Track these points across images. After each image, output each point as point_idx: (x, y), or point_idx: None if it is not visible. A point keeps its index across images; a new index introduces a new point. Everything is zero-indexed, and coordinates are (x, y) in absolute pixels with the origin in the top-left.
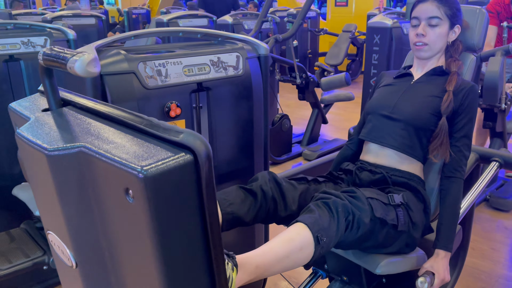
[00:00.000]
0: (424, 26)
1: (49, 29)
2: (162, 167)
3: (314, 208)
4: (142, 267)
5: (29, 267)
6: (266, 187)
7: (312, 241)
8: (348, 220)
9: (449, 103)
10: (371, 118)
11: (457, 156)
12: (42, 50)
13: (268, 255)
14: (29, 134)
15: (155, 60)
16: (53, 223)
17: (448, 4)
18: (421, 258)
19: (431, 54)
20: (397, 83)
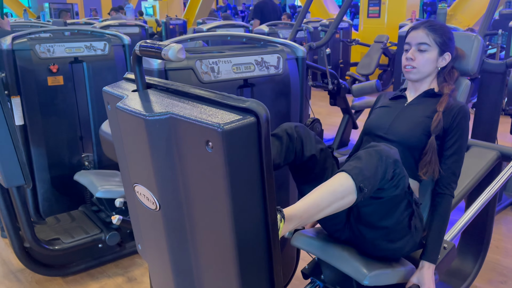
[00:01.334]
0: (413, 51)
1: (108, 35)
2: (235, 124)
3: (363, 155)
4: (213, 205)
5: (89, 242)
6: (290, 131)
7: (355, 190)
8: (396, 173)
9: (438, 122)
10: (368, 139)
11: (447, 173)
12: (138, 43)
13: (311, 207)
14: (128, 105)
15: (209, 59)
16: (141, 176)
17: (438, 32)
18: (409, 271)
19: (419, 76)
20: (392, 105)
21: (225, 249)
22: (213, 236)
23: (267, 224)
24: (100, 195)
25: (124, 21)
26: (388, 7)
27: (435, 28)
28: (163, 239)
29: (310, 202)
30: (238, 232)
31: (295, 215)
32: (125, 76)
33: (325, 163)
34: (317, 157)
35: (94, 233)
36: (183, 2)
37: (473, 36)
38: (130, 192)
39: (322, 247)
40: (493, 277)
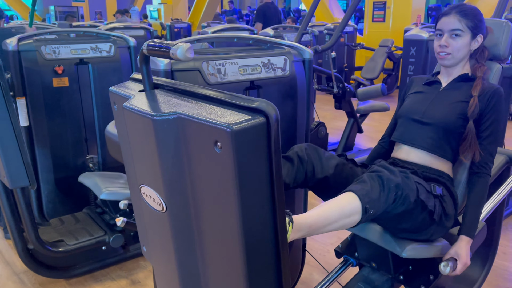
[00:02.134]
0: (447, 37)
1: (114, 37)
2: (244, 125)
3: (368, 179)
4: (221, 207)
5: (92, 244)
6: (301, 153)
7: (360, 210)
8: (397, 196)
9: (475, 107)
10: (403, 121)
11: (484, 153)
12: (146, 42)
13: (320, 218)
14: (135, 105)
15: (216, 60)
16: (148, 177)
17: (469, 17)
18: (445, 247)
19: (454, 62)
20: (427, 90)
21: (233, 251)
22: (220, 238)
23: (276, 227)
24: (104, 197)
25: (129, 24)
26: (393, 11)
27: (466, 13)
28: (170, 241)
29: (320, 214)
30: (246, 234)
31: (305, 224)
32: (132, 77)
33: (342, 174)
34: (330, 177)
35: (98, 235)
36: (188, 5)
37: (504, 22)
38: (136, 193)
39: None
40: (501, 283)
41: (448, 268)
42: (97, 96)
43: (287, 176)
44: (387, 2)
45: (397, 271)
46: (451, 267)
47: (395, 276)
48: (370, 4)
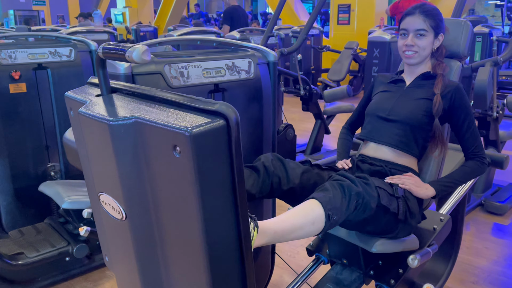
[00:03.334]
0: (412, 37)
1: (74, 41)
2: (203, 128)
3: (330, 187)
4: (182, 213)
5: (55, 256)
6: (268, 164)
7: (324, 218)
8: (358, 203)
9: (438, 105)
10: (370, 120)
11: (470, 147)
12: (102, 45)
13: (285, 224)
14: (91, 111)
15: (178, 63)
16: (106, 184)
17: (432, 17)
18: (413, 241)
19: (419, 60)
20: (392, 89)
21: (196, 258)
22: (183, 245)
23: (240, 231)
24: (66, 206)
25: (92, 28)
26: (357, 14)
27: (429, 13)
28: (131, 249)
29: (285, 220)
30: (209, 240)
31: (270, 229)
32: (89, 81)
33: (309, 181)
34: (296, 187)
35: (60, 246)
36: (154, 9)
37: (463, 21)
38: (96, 202)
39: None
40: (465, 277)
41: (416, 261)
42: (57, 102)
43: (252, 186)
44: (351, 5)
45: (368, 267)
46: (419, 260)
47: (366, 272)
48: (335, 7)
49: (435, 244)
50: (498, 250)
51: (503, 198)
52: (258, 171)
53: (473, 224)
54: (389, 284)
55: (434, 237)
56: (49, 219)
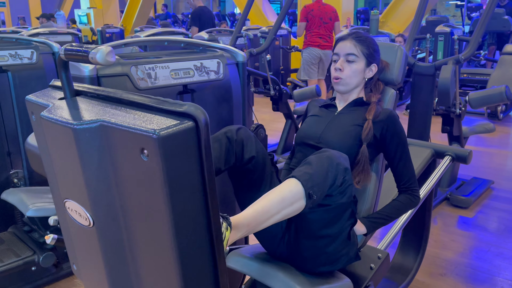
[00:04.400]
0: (342, 61)
1: (35, 43)
2: (172, 130)
3: (314, 160)
4: (152, 217)
5: (20, 266)
6: (230, 133)
7: (304, 196)
8: (345, 180)
9: (369, 130)
10: (300, 148)
11: (403, 179)
12: (63, 46)
13: (258, 214)
14: (54, 115)
15: (145, 64)
16: (72, 190)
17: (365, 44)
18: (347, 285)
19: (347, 88)
20: (323, 114)
21: (167, 262)
22: (153, 250)
23: (211, 233)
24: (31, 214)
25: (55, 29)
26: None
27: (362, 39)
28: (99, 257)
29: (259, 209)
30: (180, 244)
31: (243, 223)
32: (51, 84)
33: (264, 168)
34: (257, 159)
35: (26, 256)
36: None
37: (396, 46)
38: (61, 208)
39: (257, 266)
40: (434, 270)
41: None
42: (19, 107)
43: (216, 158)
44: None
45: None
46: None
47: None
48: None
49: (371, 286)
50: (464, 243)
51: (467, 192)
52: (220, 141)
53: (440, 218)
54: None
55: (370, 277)
56: (13, 228)
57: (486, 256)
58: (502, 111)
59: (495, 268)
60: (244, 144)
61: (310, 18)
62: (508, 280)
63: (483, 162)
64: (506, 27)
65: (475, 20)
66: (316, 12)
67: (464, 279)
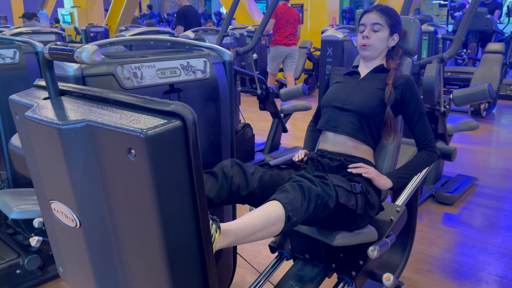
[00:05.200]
0: (368, 30)
1: (18, 42)
2: (159, 129)
3: (290, 189)
4: (139, 218)
5: (4, 269)
6: (226, 169)
7: (284, 218)
8: (317, 204)
9: (390, 94)
10: (326, 110)
11: (421, 136)
12: (48, 45)
13: (246, 226)
14: (39, 115)
15: (131, 64)
16: (57, 191)
17: (388, 15)
18: (372, 233)
19: (373, 53)
20: (347, 80)
21: (155, 263)
22: (141, 251)
23: (200, 233)
24: (15, 216)
25: (38, 28)
26: (310, 13)
27: (386, 11)
28: (86, 258)
29: (246, 222)
30: (168, 244)
31: (231, 231)
32: (35, 83)
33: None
34: (255, 191)
35: (10, 259)
36: (104, 9)
37: (411, 19)
38: (47, 210)
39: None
40: (420, 266)
41: (375, 252)
42: (1, 107)
43: (210, 191)
44: (304, 4)
45: (329, 260)
46: (378, 251)
47: (328, 265)
48: None
49: (392, 235)
50: (450, 239)
51: (452, 189)
52: (216, 176)
53: (426, 215)
54: (350, 276)
55: (391, 228)
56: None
57: (471, 252)
58: (485, 109)
59: (480, 264)
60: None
61: (278, 20)
62: (493, 275)
63: (467, 159)
64: (488, 26)
65: (458, 19)
66: (284, 14)
67: (450, 275)
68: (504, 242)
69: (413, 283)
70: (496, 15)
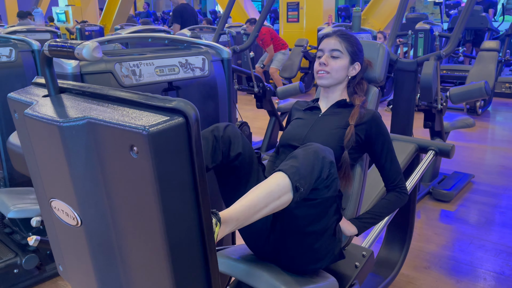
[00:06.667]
0: (326, 57)
1: (14, 40)
2: (162, 126)
3: (300, 153)
4: (142, 215)
5: (2, 269)
6: (217, 132)
7: (291, 189)
8: (331, 173)
9: (351, 136)
10: (284, 150)
11: (391, 177)
12: (48, 42)
13: (247, 208)
14: (39, 112)
15: (130, 61)
16: (58, 189)
17: (349, 41)
18: (332, 283)
19: (331, 82)
20: (307, 116)
21: (157, 261)
22: (143, 248)
23: (202, 230)
24: (13, 216)
25: (33, 27)
26: (306, 12)
27: (346, 37)
28: (87, 257)
29: (247, 204)
30: (171, 241)
31: (232, 218)
32: (34, 81)
33: (251, 165)
34: (243, 156)
35: (7, 258)
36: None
37: (378, 44)
38: (46, 208)
39: (242, 268)
40: (418, 263)
41: None
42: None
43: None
44: (300, 2)
45: None
46: None
47: None
48: (284, 5)
49: (356, 284)
50: (447, 236)
51: (449, 186)
52: (206, 139)
53: (423, 212)
54: None
55: (356, 275)
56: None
57: (468, 248)
58: (481, 107)
59: (477, 260)
60: (231, 141)
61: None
62: (490, 271)
63: (464, 156)
64: (483, 24)
65: (453, 17)
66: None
67: (448, 272)
68: (501, 238)
69: (411, 280)
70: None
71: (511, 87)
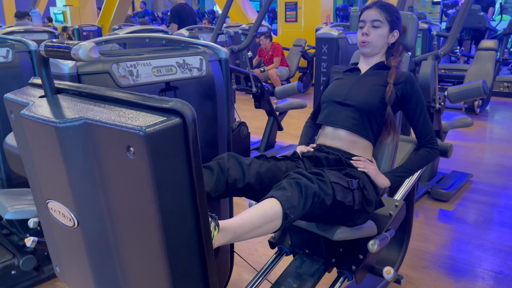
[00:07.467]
0: (368, 27)
1: (11, 41)
2: (158, 127)
3: (287, 186)
4: (139, 216)
5: (0, 270)
6: (222, 162)
7: (281, 216)
8: (314, 201)
9: (391, 94)
10: (326, 105)
11: (423, 133)
12: (44, 42)
13: (245, 223)
14: (35, 113)
15: (127, 62)
16: (55, 190)
17: (388, 11)
18: (371, 227)
19: (373, 50)
20: (347, 77)
21: (155, 262)
22: (141, 249)
23: (200, 232)
24: (10, 217)
25: (30, 27)
26: (304, 11)
27: (386, 7)
28: (84, 258)
29: (245, 219)
30: (168, 242)
31: (230, 228)
32: (31, 82)
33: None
34: (253, 183)
35: (5, 259)
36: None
37: (409, 14)
38: (43, 210)
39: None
40: (416, 263)
41: (375, 246)
42: None
43: (207, 185)
44: (298, 2)
45: (329, 255)
46: (378, 245)
47: (328, 260)
48: (282, 5)
49: (391, 229)
50: (445, 235)
51: (447, 185)
52: (212, 169)
53: (421, 211)
54: (350, 270)
55: (390, 222)
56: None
57: (467, 248)
58: (479, 106)
59: (476, 260)
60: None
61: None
62: (489, 271)
63: (462, 156)
64: (481, 23)
65: (451, 16)
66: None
67: (446, 271)
68: (499, 238)
69: (410, 280)
70: (489, 12)
71: (509, 86)
